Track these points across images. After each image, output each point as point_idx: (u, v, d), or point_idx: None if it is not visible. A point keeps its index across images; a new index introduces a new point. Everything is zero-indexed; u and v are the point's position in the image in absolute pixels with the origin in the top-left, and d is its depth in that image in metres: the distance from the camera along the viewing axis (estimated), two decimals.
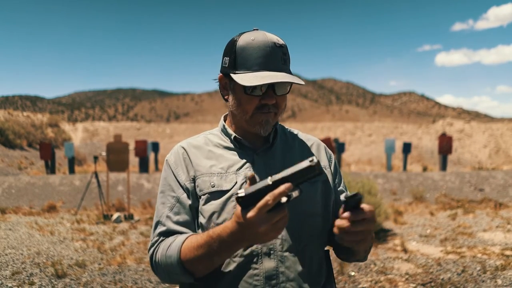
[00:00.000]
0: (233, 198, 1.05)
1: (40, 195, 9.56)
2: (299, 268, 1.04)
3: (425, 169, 14.84)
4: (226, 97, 1.14)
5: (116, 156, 8.28)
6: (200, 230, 1.07)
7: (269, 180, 0.81)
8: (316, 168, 0.79)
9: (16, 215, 8.07)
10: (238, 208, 0.84)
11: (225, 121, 1.21)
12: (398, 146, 17.20)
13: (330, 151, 1.27)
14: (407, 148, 13.37)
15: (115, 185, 9.96)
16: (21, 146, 18.10)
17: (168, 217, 1.07)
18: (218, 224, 1.03)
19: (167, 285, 4.31)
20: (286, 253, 1.04)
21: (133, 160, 16.58)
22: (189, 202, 1.08)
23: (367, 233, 0.91)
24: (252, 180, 0.84)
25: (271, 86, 1.04)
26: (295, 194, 0.82)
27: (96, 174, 8.48)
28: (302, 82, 1.04)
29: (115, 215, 7.60)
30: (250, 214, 0.81)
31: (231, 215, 1.03)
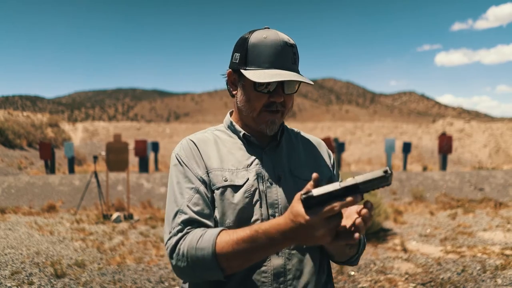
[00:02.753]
0: (247, 194, 1.04)
1: (39, 195, 9.56)
2: (305, 265, 1.06)
3: (425, 168, 14.84)
4: (234, 92, 1.14)
5: (115, 156, 8.27)
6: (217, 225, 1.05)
7: (338, 185, 0.79)
8: (389, 179, 0.79)
9: (15, 215, 8.07)
10: (299, 206, 0.82)
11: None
12: (398, 145, 17.21)
13: (329, 150, 1.29)
14: (407, 147, 13.37)
15: (114, 185, 9.96)
16: (21, 146, 18.10)
17: (188, 206, 1.02)
18: (236, 219, 1.03)
19: (166, 284, 4.31)
20: (294, 251, 1.06)
21: (133, 160, 16.57)
22: (208, 194, 1.05)
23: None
24: (315, 181, 0.83)
25: (280, 85, 1.06)
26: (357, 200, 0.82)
27: (95, 174, 8.47)
28: (312, 82, 1.06)
29: (115, 215, 7.60)
30: (314, 216, 0.80)
31: (247, 210, 1.03)
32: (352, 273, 4.57)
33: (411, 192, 9.51)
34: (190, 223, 1.01)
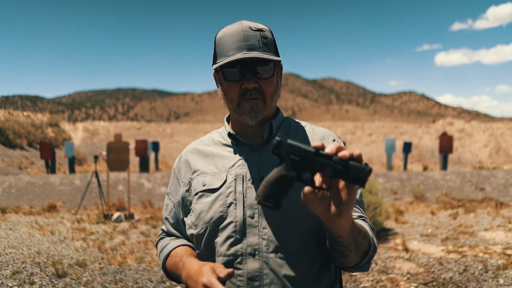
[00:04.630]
0: (222, 197, 1.04)
1: (40, 194, 9.55)
2: (286, 271, 0.99)
3: (425, 168, 14.83)
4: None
5: (116, 156, 8.26)
6: (192, 229, 1.09)
7: (312, 148, 0.75)
8: (367, 174, 0.71)
9: (16, 215, 8.06)
10: (206, 268, 0.91)
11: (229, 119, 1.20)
12: (399, 145, 17.18)
13: (340, 143, 1.14)
14: (407, 147, 13.35)
15: (115, 184, 9.95)
16: (21, 146, 18.08)
17: (166, 219, 1.21)
18: (205, 222, 1.04)
19: (167, 284, 4.30)
20: (272, 255, 0.99)
21: (134, 160, 16.56)
22: (183, 206, 1.15)
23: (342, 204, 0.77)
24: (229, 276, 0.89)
25: (250, 69, 1.01)
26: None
27: (96, 174, 8.46)
28: (274, 58, 1.01)
29: (116, 215, 7.59)
30: (204, 271, 0.90)
31: (218, 213, 1.03)
32: (354, 273, 4.56)
33: (412, 191, 9.50)
34: (166, 232, 1.23)
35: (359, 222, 1.05)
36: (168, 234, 1.21)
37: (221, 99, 1.11)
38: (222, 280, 0.87)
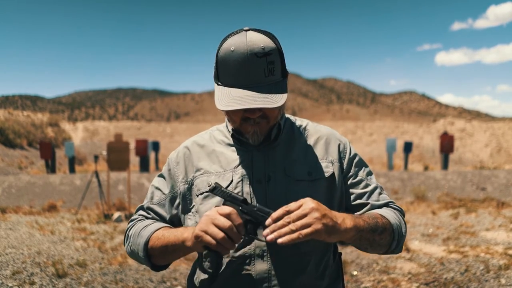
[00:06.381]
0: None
1: (40, 194, 9.54)
2: (294, 272, 1.01)
3: (426, 168, 14.81)
4: None
5: (116, 156, 8.25)
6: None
7: (242, 202, 0.93)
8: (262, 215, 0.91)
9: (16, 215, 8.05)
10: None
11: None
12: (399, 145, 17.15)
13: (344, 141, 1.16)
14: (408, 147, 13.33)
15: (115, 184, 9.94)
16: (21, 146, 18.08)
17: (149, 208, 1.15)
18: None
19: (168, 284, 4.29)
20: (280, 256, 1.00)
21: (134, 160, 16.54)
22: (175, 202, 1.13)
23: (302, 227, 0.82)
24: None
25: None
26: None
27: (96, 174, 8.45)
28: (273, 105, 0.93)
29: (116, 215, 7.58)
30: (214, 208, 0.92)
31: None
32: (355, 273, 4.55)
33: (413, 191, 9.48)
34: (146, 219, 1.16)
35: (382, 212, 1.05)
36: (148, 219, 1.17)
37: (222, 112, 1.08)
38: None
